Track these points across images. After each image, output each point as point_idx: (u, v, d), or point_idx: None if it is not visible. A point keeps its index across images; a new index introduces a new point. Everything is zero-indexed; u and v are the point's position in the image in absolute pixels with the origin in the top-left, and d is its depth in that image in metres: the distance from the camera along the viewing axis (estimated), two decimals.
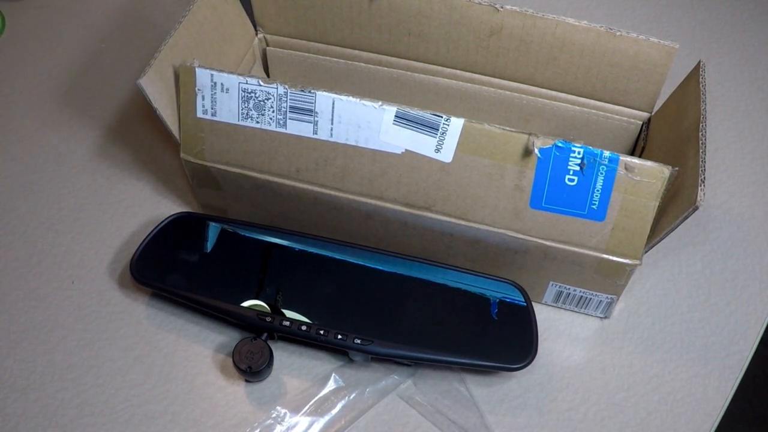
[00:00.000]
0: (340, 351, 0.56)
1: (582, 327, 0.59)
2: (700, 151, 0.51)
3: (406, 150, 0.53)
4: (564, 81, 0.62)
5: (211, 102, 0.55)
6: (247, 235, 0.58)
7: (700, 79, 0.56)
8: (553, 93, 0.63)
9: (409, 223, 0.56)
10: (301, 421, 0.54)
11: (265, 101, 0.54)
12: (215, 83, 0.55)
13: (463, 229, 0.55)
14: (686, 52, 0.67)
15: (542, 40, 0.60)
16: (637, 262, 0.53)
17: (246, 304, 0.55)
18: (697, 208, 0.48)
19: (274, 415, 0.54)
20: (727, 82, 0.77)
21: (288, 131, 0.55)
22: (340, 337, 0.53)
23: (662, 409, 0.55)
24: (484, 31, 0.61)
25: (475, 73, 0.64)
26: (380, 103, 0.53)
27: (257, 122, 0.55)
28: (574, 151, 0.51)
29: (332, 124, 0.54)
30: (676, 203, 0.51)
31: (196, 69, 0.55)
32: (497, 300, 0.55)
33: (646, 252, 0.53)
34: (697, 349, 0.58)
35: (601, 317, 0.60)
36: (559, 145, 0.51)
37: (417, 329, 0.54)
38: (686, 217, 0.49)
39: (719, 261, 0.63)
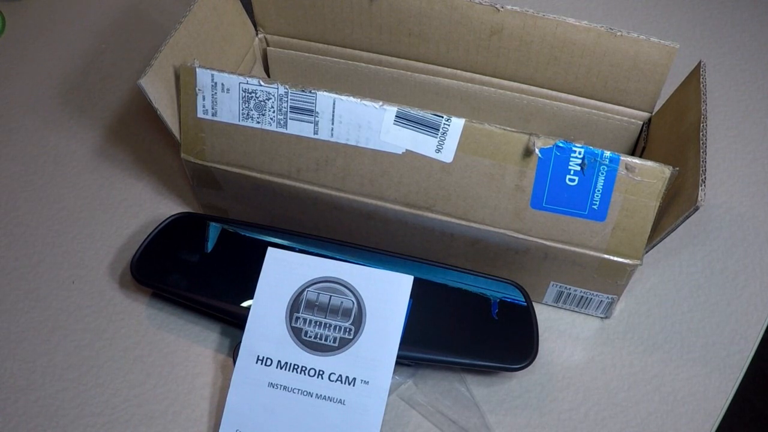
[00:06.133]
0: None
1: (582, 327, 0.59)
2: (701, 151, 0.51)
3: (406, 150, 0.53)
4: (564, 81, 0.62)
5: (212, 102, 0.55)
6: (247, 235, 0.58)
7: (701, 79, 0.56)
8: (554, 93, 0.63)
9: (410, 223, 0.56)
10: None
11: (266, 101, 0.54)
12: (216, 83, 0.55)
13: (464, 229, 0.55)
14: (686, 52, 0.67)
15: (543, 40, 0.60)
16: (638, 262, 0.53)
17: (246, 304, 0.55)
18: (697, 209, 0.48)
19: None
20: (727, 82, 0.77)
21: (288, 131, 0.55)
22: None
23: (663, 409, 0.55)
24: (484, 31, 0.61)
25: (476, 73, 0.64)
26: (381, 103, 0.53)
27: (258, 122, 0.55)
28: (574, 151, 0.51)
29: (333, 124, 0.54)
30: (676, 203, 0.51)
31: (197, 69, 0.55)
32: (498, 300, 0.55)
33: (646, 252, 0.53)
34: (698, 349, 0.58)
35: (601, 317, 0.60)
36: (560, 145, 0.51)
37: (417, 329, 0.54)
38: (687, 217, 0.49)
39: (719, 261, 0.63)
